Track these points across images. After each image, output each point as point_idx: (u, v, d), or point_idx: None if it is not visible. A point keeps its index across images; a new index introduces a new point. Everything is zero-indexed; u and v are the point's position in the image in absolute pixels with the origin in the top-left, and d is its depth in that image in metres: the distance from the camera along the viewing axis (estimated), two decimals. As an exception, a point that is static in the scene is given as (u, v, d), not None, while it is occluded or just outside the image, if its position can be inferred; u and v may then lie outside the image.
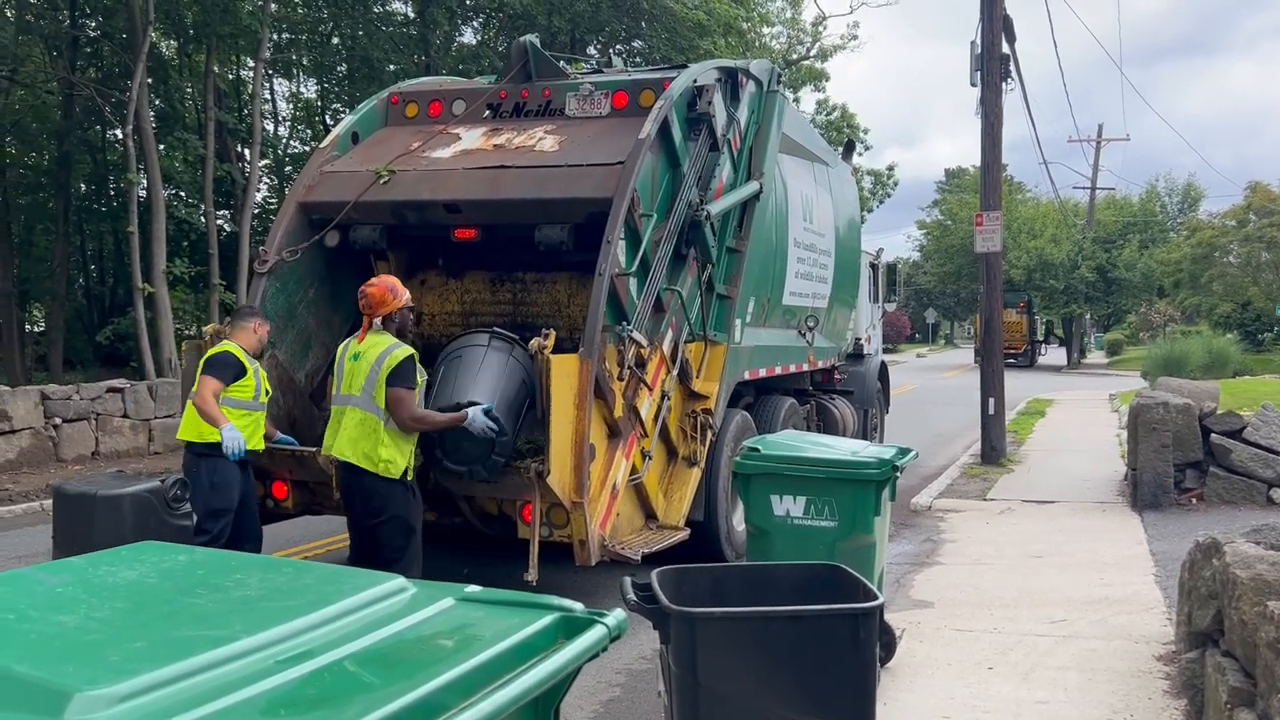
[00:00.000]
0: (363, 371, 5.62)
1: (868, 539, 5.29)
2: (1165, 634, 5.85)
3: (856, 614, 3.48)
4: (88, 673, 1.37)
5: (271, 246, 7.32)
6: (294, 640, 1.58)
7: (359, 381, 5.63)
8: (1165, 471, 9.64)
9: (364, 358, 5.64)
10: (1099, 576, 7.33)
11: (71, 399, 13.49)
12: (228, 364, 6.09)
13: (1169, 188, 52.72)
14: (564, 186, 6.90)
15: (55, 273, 25.04)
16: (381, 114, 8.31)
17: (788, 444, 5.70)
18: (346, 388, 5.70)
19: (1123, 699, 4.94)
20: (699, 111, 7.48)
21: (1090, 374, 38.58)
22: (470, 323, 8.03)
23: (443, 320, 8.13)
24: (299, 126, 31.15)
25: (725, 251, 8.00)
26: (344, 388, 5.73)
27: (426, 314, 8.13)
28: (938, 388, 28.88)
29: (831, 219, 10.86)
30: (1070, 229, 43.22)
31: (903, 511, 9.93)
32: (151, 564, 1.92)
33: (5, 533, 9.63)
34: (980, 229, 13.05)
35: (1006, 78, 13.13)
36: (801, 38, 33.70)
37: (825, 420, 10.84)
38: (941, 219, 53.23)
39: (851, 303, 12.13)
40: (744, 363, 8.23)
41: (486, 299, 8.07)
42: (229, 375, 6.07)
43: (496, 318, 7.96)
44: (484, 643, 1.66)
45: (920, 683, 5.21)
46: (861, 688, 3.49)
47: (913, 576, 7.51)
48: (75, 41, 23.24)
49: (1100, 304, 44.35)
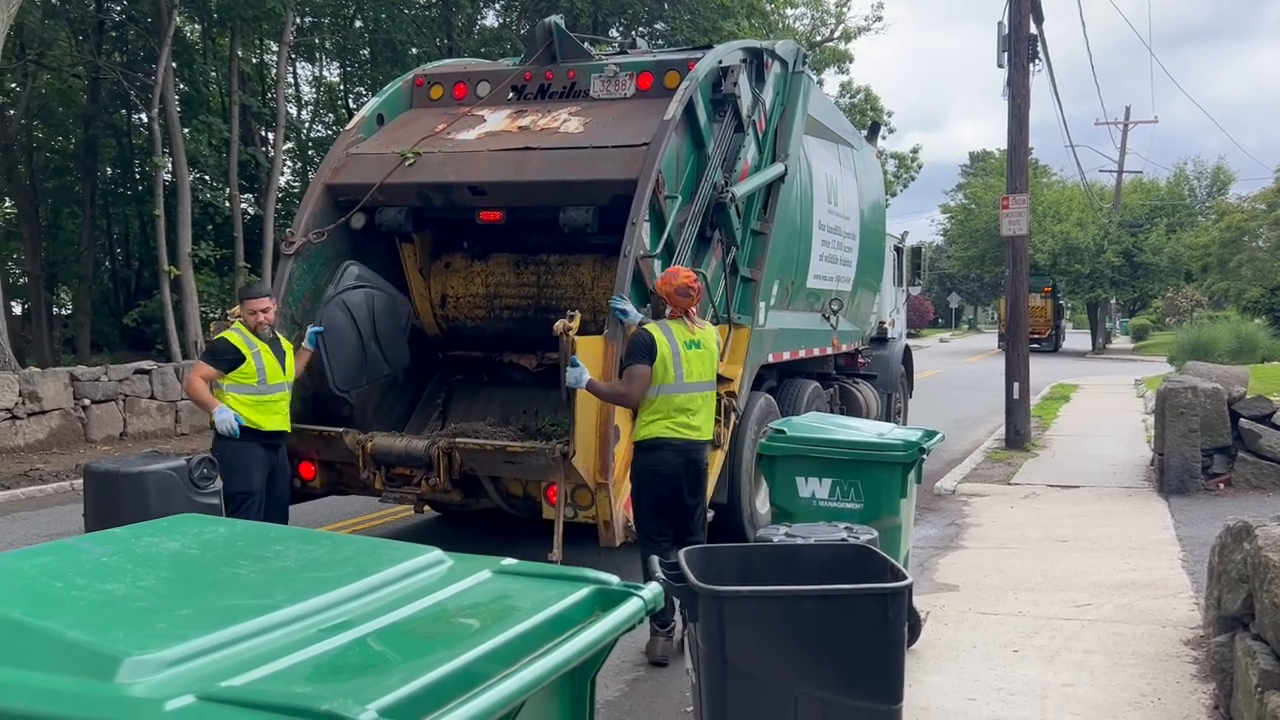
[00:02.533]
0: (711, 358, 5.63)
1: (893, 521, 5.29)
2: (1193, 618, 5.82)
3: (886, 594, 3.48)
4: (137, 638, 1.40)
5: (298, 229, 7.35)
6: (335, 610, 1.61)
7: (710, 368, 5.63)
8: (1193, 456, 9.57)
9: (705, 345, 5.60)
10: (1125, 561, 7.30)
11: (100, 380, 13.64)
12: (219, 352, 6.20)
13: (1197, 171, 52.06)
14: (588, 168, 6.89)
15: (82, 256, 25.28)
16: (406, 96, 8.32)
17: (814, 426, 5.70)
18: (699, 375, 5.53)
19: (1150, 682, 4.93)
20: (724, 92, 7.45)
21: (1115, 359, 38.29)
22: (494, 305, 8.05)
23: (467, 303, 8.15)
24: (322, 110, 31.27)
25: (750, 234, 7.97)
26: (695, 375, 5.51)
27: (450, 296, 8.15)
28: (961, 372, 28.75)
29: (856, 201, 10.81)
30: (1096, 213, 42.79)
31: (926, 495, 9.91)
32: (193, 535, 1.95)
33: (37, 511, 9.76)
34: (1006, 212, 12.96)
35: (1034, 59, 13.00)
36: (825, 19, 33.49)
37: (849, 404, 10.81)
38: (965, 202, 52.82)
39: (875, 286, 12.08)
40: (768, 346, 8.21)
41: (511, 281, 8.08)
42: (223, 364, 6.16)
43: (521, 300, 7.98)
44: (522, 614, 1.68)
45: (945, 665, 5.21)
46: (890, 667, 3.49)
47: (937, 560, 7.50)
48: (101, 25, 23.39)
49: (1126, 289, 43.95)
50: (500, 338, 8.02)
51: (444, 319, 8.15)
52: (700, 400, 5.53)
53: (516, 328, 7.94)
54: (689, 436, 5.44)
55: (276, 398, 6.26)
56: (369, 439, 6.62)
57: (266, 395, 6.21)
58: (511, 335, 7.96)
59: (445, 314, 8.11)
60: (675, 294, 5.50)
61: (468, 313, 8.09)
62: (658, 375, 5.37)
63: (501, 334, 8.01)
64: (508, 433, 7.05)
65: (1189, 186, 50.29)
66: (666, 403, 5.39)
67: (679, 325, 5.50)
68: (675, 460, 5.41)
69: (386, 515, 9.01)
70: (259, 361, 6.22)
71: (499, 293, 8.05)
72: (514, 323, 7.96)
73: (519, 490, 6.75)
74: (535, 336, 7.55)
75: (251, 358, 6.19)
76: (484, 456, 6.44)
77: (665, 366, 5.38)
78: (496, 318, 8.03)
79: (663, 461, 5.39)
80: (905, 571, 3.62)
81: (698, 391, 5.51)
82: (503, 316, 8.01)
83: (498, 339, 8.03)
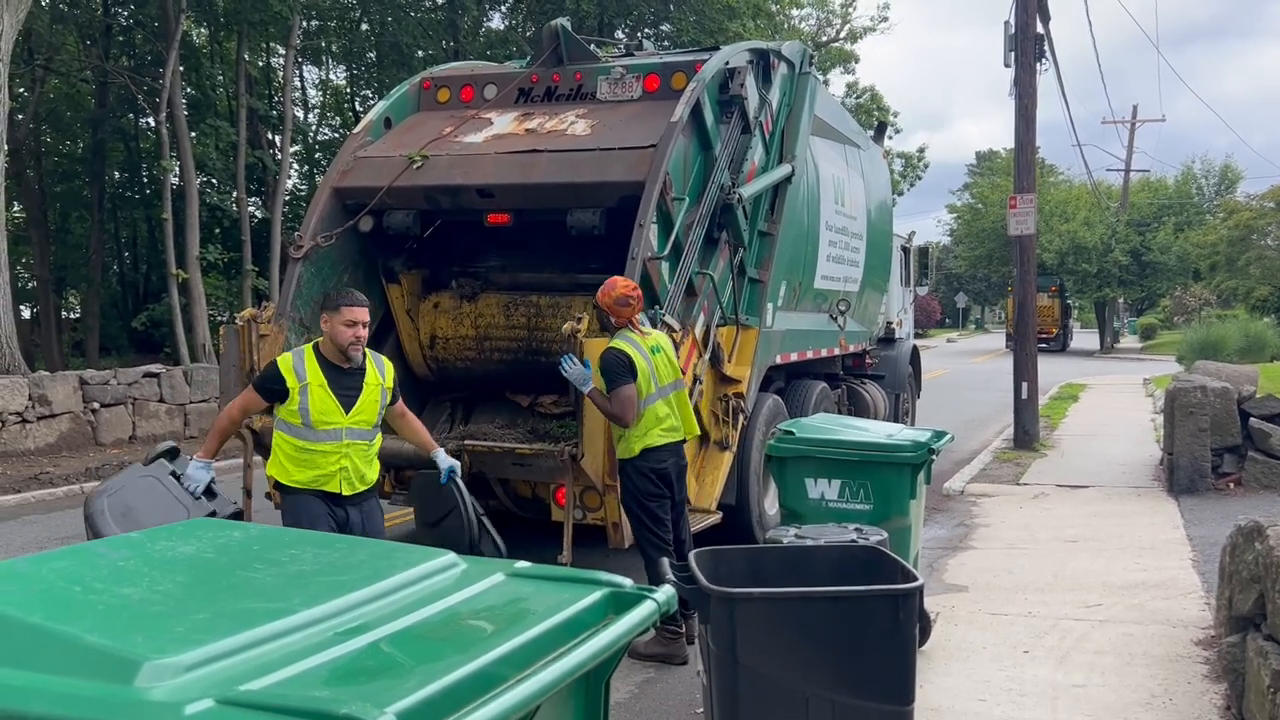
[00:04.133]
0: (670, 359, 5.75)
1: (903, 522, 5.29)
2: (1203, 619, 5.81)
3: (896, 595, 3.48)
4: (155, 642, 1.41)
5: (306, 232, 7.37)
6: (352, 613, 1.61)
7: (672, 368, 5.75)
8: (1202, 456, 9.54)
9: (663, 349, 5.72)
10: (1135, 561, 7.28)
11: (109, 384, 13.69)
12: (266, 376, 4.92)
13: (1205, 169, 51.87)
14: (596, 170, 6.89)
15: (91, 259, 25.37)
16: (414, 99, 8.33)
17: (823, 427, 5.71)
18: (666, 378, 5.66)
19: (1161, 683, 4.92)
20: (731, 94, 7.45)
21: (1124, 359, 38.19)
22: (485, 347, 7.73)
23: (456, 344, 7.74)
24: (328, 113, 31.34)
25: (757, 235, 7.97)
26: (664, 379, 5.64)
27: (440, 337, 7.84)
28: (969, 372, 28.70)
29: (863, 202, 10.80)
30: (1104, 212, 42.69)
31: (935, 496, 9.90)
32: (208, 540, 1.96)
33: (48, 515, 9.79)
34: (1014, 211, 12.94)
35: (1041, 58, 12.99)
36: (831, 19, 33.47)
37: (857, 404, 10.80)
38: (972, 202, 52.74)
39: (883, 286, 12.07)
40: (776, 347, 8.21)
41: (500, 323, 7.59)
42: (265, 392, 4.86)
43: (511, 342, 7.54)
44: (536, 617, 1.69)
45: (955, 666, 5.21)
46: (901, 668, 3.49)
47: (946, 560, 7.49)
48: (108, 30, 23.48)
49: (1134, 288, 43.83)
50: (491, 379, 7.76)
51: (433, 360, 7.90)
52: (674, 400, 5.68)
53: (507, 370, 7.65)
54: (674, 440, 5.63)
55: (326, 448, 4.72)
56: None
57: (311, 443, 4.72)
58: (503, 376, 7.69)
59: (435, 355, 7.85)
60: (615, 304, 5.58)
61: (458, 354, 7.80)
62: (641, 390, 5.46)
63: (492, 375, 7.73)
64: (516, 435, 7.04)
65: (1197, 185, 50.14)
66: (652, 413, 5.51)
67: (636, 335, 5.61)
68: (668, 462, 5.58)
69: (396, 518, 9.02)
70: (305, 399, 4.71)
71: (489, 334, 7.72)
72: (505, 365, 7.65)
73: (528, 492, 6.74)
74: (528, 378, 7.47)
75: (298, 392, 4.71)
76: (492, 459, 6.44)
77: (646, 379, 5.49)
78: (487, 359, 7.72)
79: (659, 465, 5.52)
80: (915, 572, 3.61)
81: (671, 393, 5.66)
82: (493, 359, 7.70)
83: (489, 380, 7.77)
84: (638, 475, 5.50)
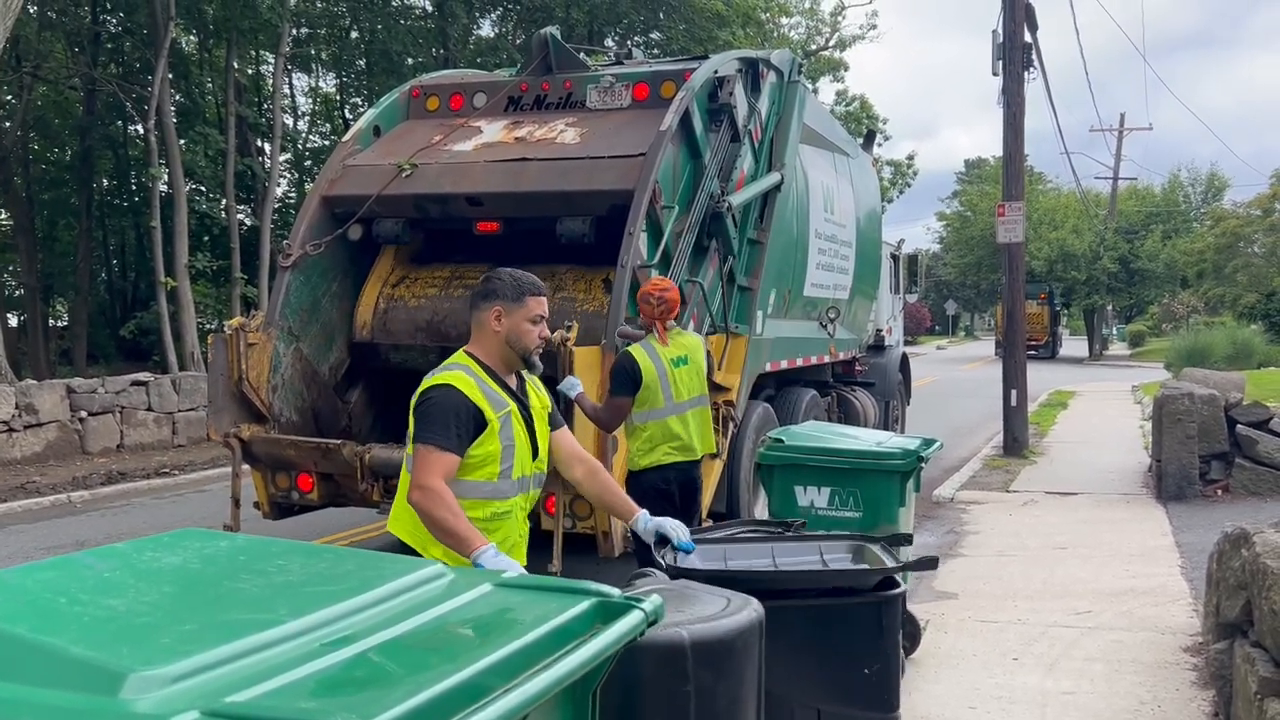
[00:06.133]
0: (699, 371, 5.54)
1: (892, 529, 5.29)
2: (1192, 625, 5.83)
3: (880, 602, 3.49)
4: (141, 654, 1.40)
5: (295, 240, 7.36)
6: (339, 624, 1.61)
7: (699, 382, 5.52)
8: (1190, 463, 9.59)
9: (693, 359, 5.49)
10: (1124, 568, 7.31)
11: (97, 392, 13.64)
12: (451, 410, 3.14)
13: (1192, 177, 52.24)
14: (585, 179, 6.91)
15: (78, 267, 25.29)
16: (403, 107, 8.33)
17: (812, 435, 5.71)
18: (689, 392, 5.43)
19: (1150, 690, 4.93)
20: (720, 102, 7.48)
21: (1112, 365, 38.36)
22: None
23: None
24: (318, 121, 31.32)
25: (746, 243, 7.99)
26: (684, 394, 5.40)
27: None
28: (958, 380, 28.78)
29: (853, 210, 10.84)
30: (1092, 219, 42.93)
31: (925, 503, 9.91)
32: (194, 550, 1.95)
33: (33, 525, 9.75)
34: (1002, 219, 13.00)
35: (1029, 66, 13.05)
36: (820, 28, 33.61)
37: (846, 412, 10.82)
38: (961, 210, 52.98)
39: (872, 294, 12.11)
40: (765, 354, 8.23)
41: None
42: (460, 436, 3.14)
43: None
44: (523, 627, 1.68)
45: (945, 673, 5.21)
46: (886, 676, 3.50)
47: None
48: (97, 37, 23.45)
49: (1122, 295, 44.07)
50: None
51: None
52: (692, 418, 5.45)
53: None
54: (683, 459, 5.40)
55: (514, 505, 3.31)
56: (367, 450, 6.60)
57: (502, 502, 3.26)
58: None
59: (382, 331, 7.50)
60: (639, 298, 5.52)
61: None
62: (644, 401, 5.29)
63: None
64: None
65: (1184, 193, 50.49)
66: (659, 428, 5.33)
67: (658, 341, 5.43)
68: (673, 480, 5.38)
69: (383, 528, 9.00)
70: (508, 425, 3.22)
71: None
72: None
73: (518, 501, 6.71)
74: None
75: (498, 429, 3.17)
76: (482, 467, 6.43)
77: (652, 392, 5.29)
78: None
79: (661, 482, 5.35)
80: (899, 579, 3.62)
81: (689, 409, 5.44)
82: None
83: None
84: (638, 490, 5.35)
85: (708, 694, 2.37)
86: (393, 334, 7.42)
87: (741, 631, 2.46)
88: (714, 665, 2.38)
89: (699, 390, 5.55)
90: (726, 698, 2.42)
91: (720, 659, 2.39)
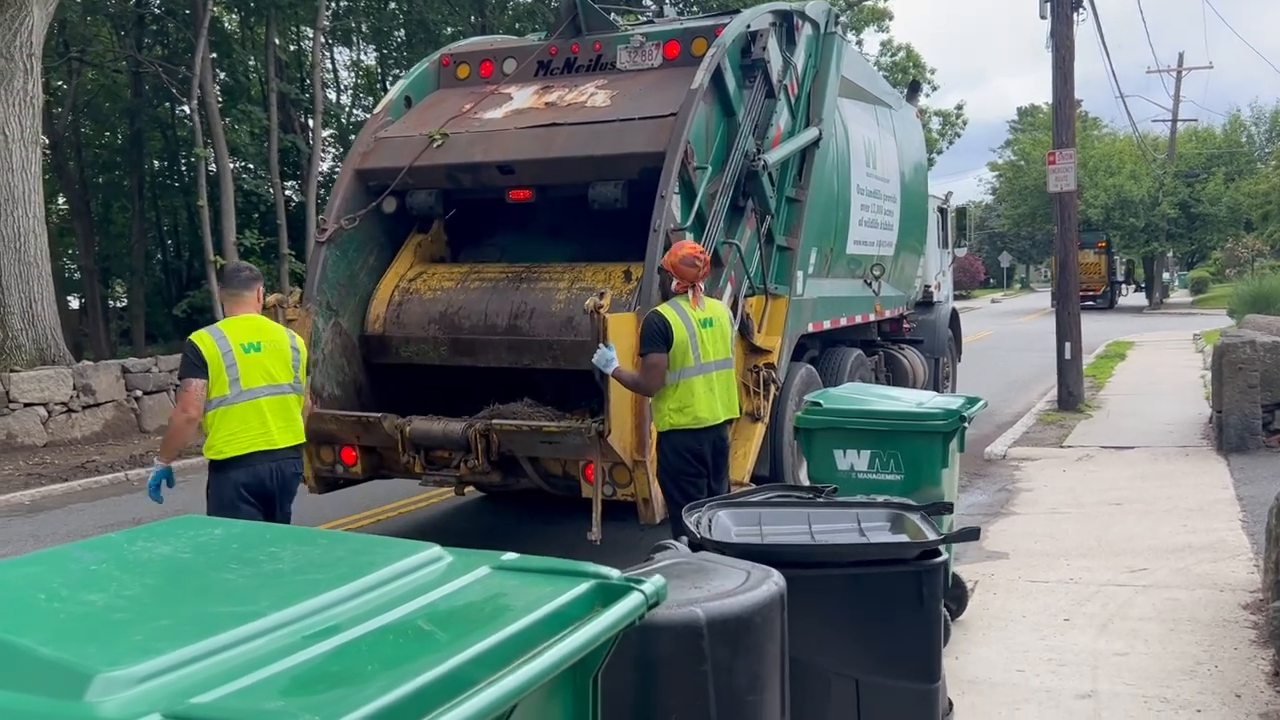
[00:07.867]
0: (724, 335, 5.56)
1: (935, 492, 5.14)
2: (1252, 581, 5.64)
3: (920, 571, 3.38)
4: (110, 653, 1.36)
5: (330, 215, 7.35)
6: (323, 614, 1.55)
7: (724, 345, 5.55)
8: (1252, 413, 9.28)
9: (718, 323, 5.51)
10: (1181, 523, 7.10)
11: (150, 371, 13.87)
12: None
13: (1255, 116, 50.33)
14: (616, 142, 6.78)
15: (134, 249, 25.74)
16: (433, 77, 8.26)
17: (851, 397, 5.58)
18: (715, 354, 5.45)
19: (1206, 649, 4.78)
20: (754, 58, 7.29)
21: (1173, 314, 37.39)
22: (526, 276, 7.68)
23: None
24: (361, 95, 31.41)
25: (784, 201, 7.82)
26: (710, 354, 5.42)
27: None
28: (1014, 333, 28.26)
29: (896, 163, 10.58)
30: (1150, 164, 41.69)
31: (976, 461, 9.74)
32: (188, 538, 1.91)
33: (92, 504, 9.95)
34: (1053, 167, 12.63)
35: (1078, 7, 12.61)
36: (863, -22, 32.81)
37: (894, 371, 10.63)
38: (1014, 159, 51.74)
39: (919, 249, 11.85)
40: (807, 315, 8.08)
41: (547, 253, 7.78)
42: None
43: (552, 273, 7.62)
44: (516, 612, 1.62)
45: (993, 635, 5.10)
46: (927, 646, 3.40)
47: (987, 527, 7.34)
48: (140, 20, 23.67)
49: (1183, 241, 42.85)
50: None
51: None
52: (717, 379, 5.44)
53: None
54: (712, 421, 5.39)
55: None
56: (407, 423, 6.60)
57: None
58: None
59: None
60: (680, 264, 5.38)
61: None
62: (676, 360, 5.27)
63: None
64: (545, 413, 6.99)
65: (1246, 133, 48.70)
66: (687, 388, 5.30)
67: (688, 304, 5.39)
68: (704, 442, 5.36)
69: (433, 498, 9.05)
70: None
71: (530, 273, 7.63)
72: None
73: (558, 469, 6.70)
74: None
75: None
76: (521, 437, 6.40)
77: (684, 350, 5.27)
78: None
79: (691, 445, 5.33)
80: (941, 548, 3.51)
81: (715, 371, 5.43)
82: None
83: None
84: (671, 452, 5.38)
85: (726, 672, 2.30)
86: (405, 326, 7.37)
87: (760, 607, 2.38)
88: (732, 642, 2.31)
89: (724, 353, 5.53)
90: (746, 674, 2.35)
91: (738, 636, 2.32)
